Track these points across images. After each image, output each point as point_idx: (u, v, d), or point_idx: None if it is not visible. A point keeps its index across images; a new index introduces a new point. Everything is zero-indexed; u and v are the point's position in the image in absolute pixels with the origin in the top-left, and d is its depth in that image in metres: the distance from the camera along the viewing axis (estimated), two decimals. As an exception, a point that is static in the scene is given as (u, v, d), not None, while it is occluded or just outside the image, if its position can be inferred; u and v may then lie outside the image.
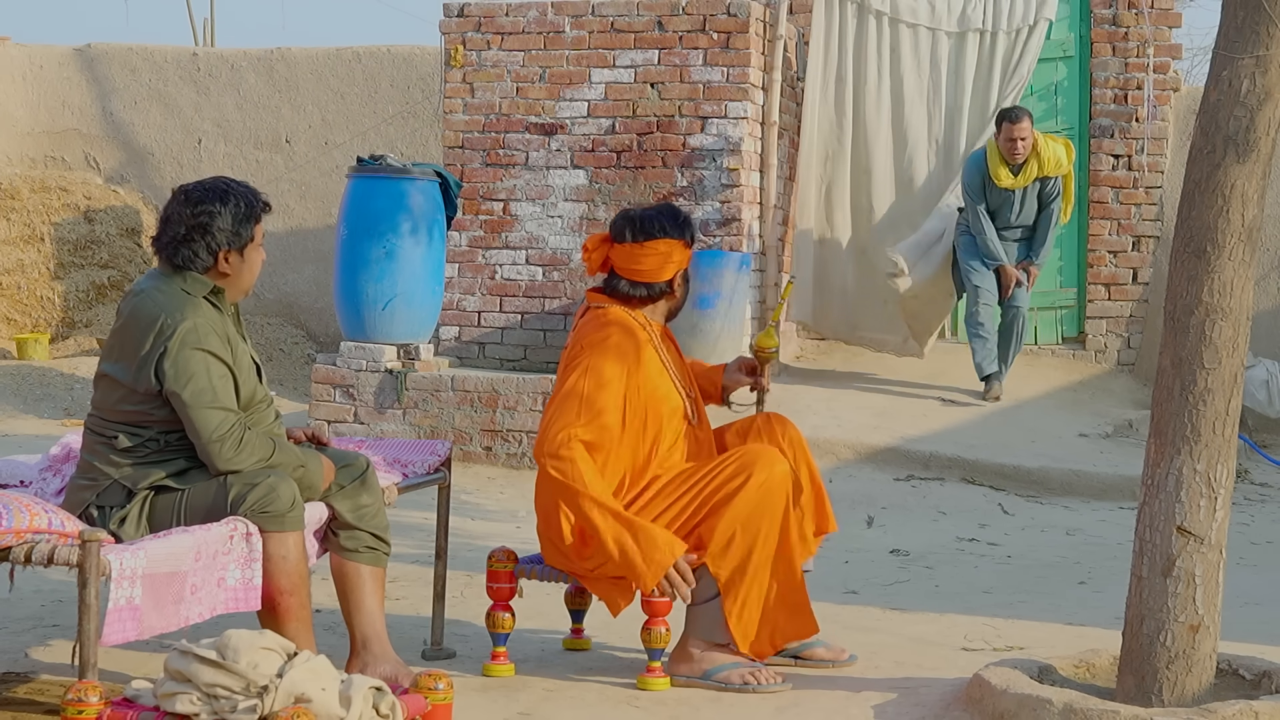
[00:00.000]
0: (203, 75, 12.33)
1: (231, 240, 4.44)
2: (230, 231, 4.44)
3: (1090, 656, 4.80)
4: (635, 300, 4.95)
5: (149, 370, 4.30)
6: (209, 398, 4.30)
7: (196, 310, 4.36)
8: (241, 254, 4.47)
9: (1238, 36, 4.26)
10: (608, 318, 4.90)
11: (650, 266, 4.91)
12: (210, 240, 4.42)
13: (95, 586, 3.81)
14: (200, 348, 4.31)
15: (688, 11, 9.76)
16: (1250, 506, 8.55)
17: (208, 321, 4.36)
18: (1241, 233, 4.28)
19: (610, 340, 4.81)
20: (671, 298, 4.99)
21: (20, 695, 4.46)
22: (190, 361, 4.30)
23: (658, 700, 4.70)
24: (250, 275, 4.53)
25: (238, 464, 4.31)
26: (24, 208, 11.96)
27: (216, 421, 4.30)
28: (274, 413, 4.61)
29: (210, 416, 4.30)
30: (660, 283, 4.94)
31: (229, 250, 4.44)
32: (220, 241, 4.43)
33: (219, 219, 4.43)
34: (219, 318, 4.42)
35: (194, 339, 4.31)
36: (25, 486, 4.69)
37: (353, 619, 4.60)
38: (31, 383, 10.50)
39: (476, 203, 10.05)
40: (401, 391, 9.09)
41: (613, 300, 4.94)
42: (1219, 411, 4.31)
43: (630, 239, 4.90)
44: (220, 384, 4.33)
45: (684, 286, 5.02)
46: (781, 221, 10.41)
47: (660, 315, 5.02)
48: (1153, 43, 10.57)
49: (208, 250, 4.43)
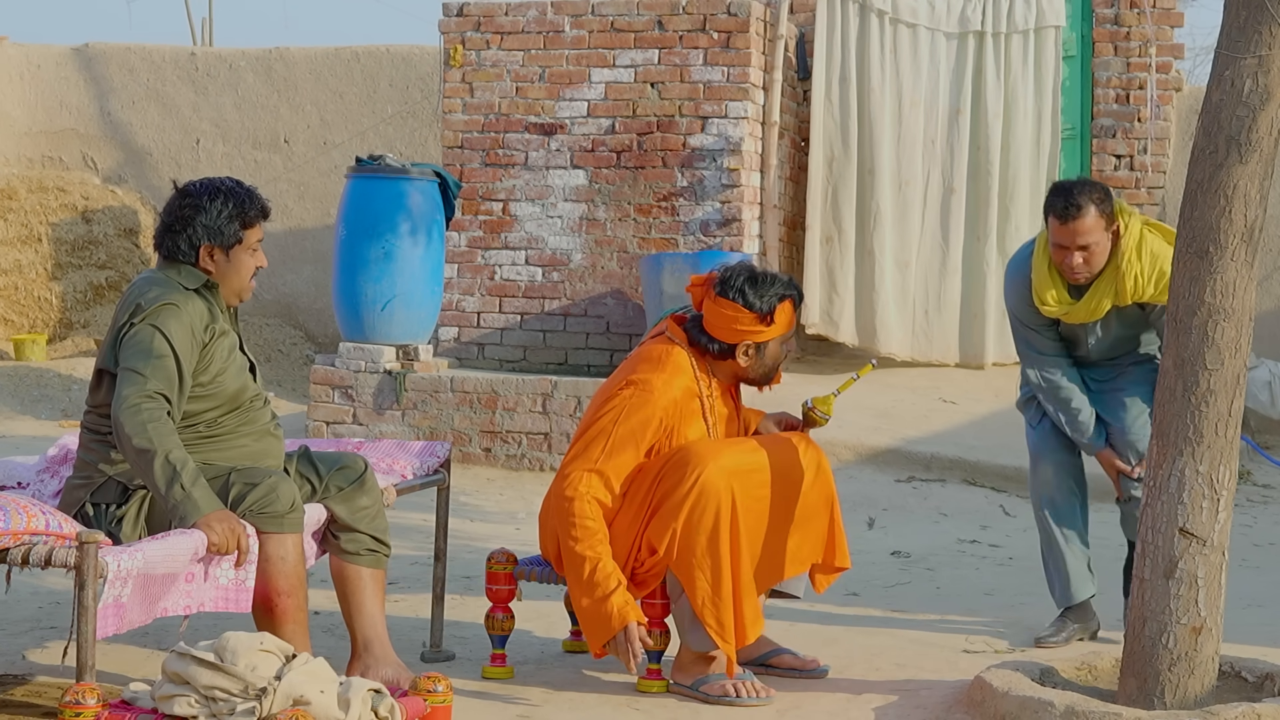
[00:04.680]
0: (201, 75, 12.32)
1: (214, 236, 4.42)
2: (212, 228, 4.42)
3: (1092, 659, 4.79)
4: (700, 349, 4.86)
5: (116, 346, 4.31)
6: (139, 364, 4.24)
7: (175, 296, 4.34)
8: (227, 253, 4.45)
9: (1240, 36, 4.25)
10: (668, 355, 4.82)
11: (717, 324, 4.83)
12: (191, 233, 4.42)
13: (93, 588, 3.79)
14: (156, 325, 4.28)
15: (688, 11, 9.75)
16: (1253, 508, 8.54)
17: (183, 309, 4.32)
18: (1244, 233, 4.27)
19: (654, 383, 4.74)
20: (736, 364, 4.86)
21: (17, 697, 4.45)
22: (140, 333, 4.28)
23: (658, 703, 4.69)
24: (238, 278, 4.49)
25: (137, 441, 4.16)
26: (21, 208, 11.94)
27: (130, 390, 4.21)
28: (269, 412, 4.59)
29: (131, 381, 4.22)
30: (727, 343, 4.84)
31: (212, 246, 4.43)
32: (200, 236, 4.42)
33: (203, 214, 4.42)
34: (203, 310, 4.39)
35: (155, 317, 4.29)
36: (23, 488, 4.68)
37: (353, 621, 4.59)
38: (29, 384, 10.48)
39: (476, 203, 10.03)
40: (400, 392, 9.08)
41: (685, 337, 4.88)
42: (1221, 413, 4.29)
43: (715, 290, 4.84)
44: (157, 362, 4.24)
45: (755, 361, 4.85)
46: (782, 222, 10.39)
47: (725, 376, 4.90)
48: (1155, 42, 10.56)
49: (188, 242, 4.42)
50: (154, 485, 4.18)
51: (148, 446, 4.16)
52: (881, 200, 10.30)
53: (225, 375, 4.42)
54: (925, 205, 10.40)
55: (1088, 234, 5.18)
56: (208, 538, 4.11)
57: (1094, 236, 5.19)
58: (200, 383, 4.37)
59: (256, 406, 4.52)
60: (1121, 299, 5.26)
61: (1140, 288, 5.25)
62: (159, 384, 4.23)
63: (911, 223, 10.38)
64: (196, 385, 4.37)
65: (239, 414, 4.47)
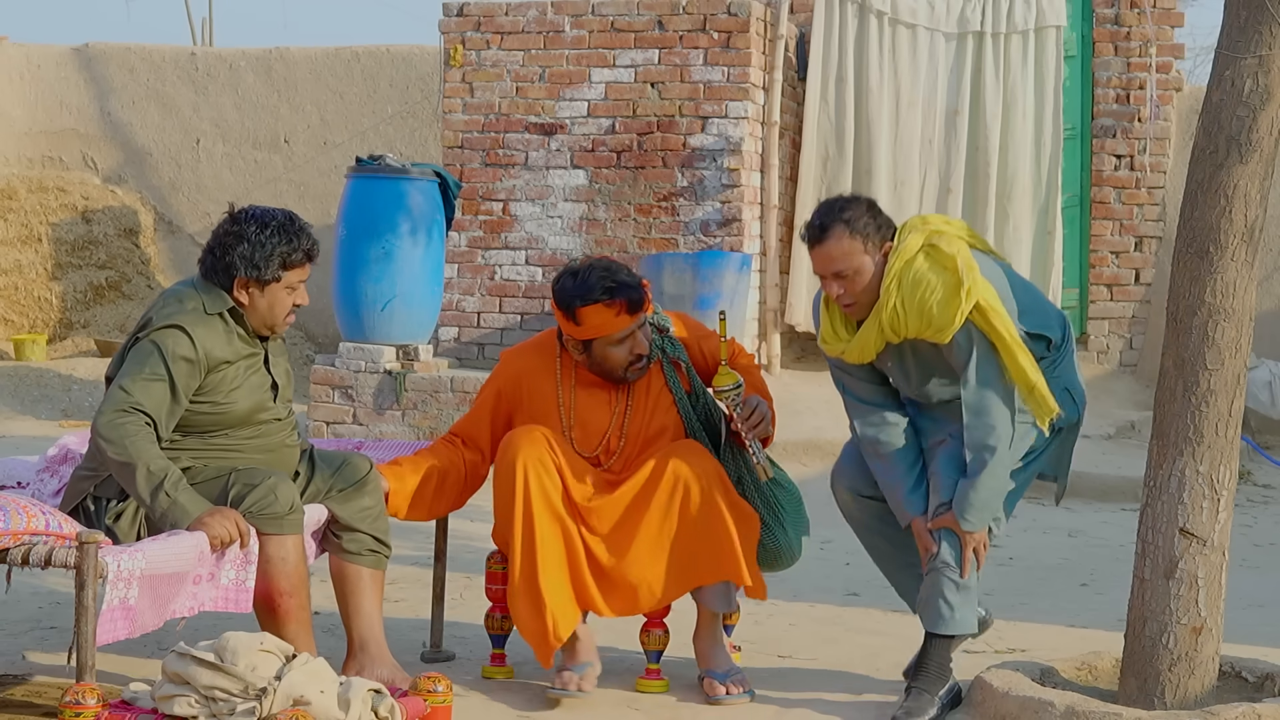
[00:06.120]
0: (201, 75, 12.32)
1: (251, 270, 4.37)
2: (252, 261, 4.36)
3: (1092, 659, 4.79)
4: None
5: (123, 356, 4.32)
6: (128, 381, 4.22)
7: (187, 318, 4.32)
8: (262, 289, 4.39)
9: (1240, 36, 4.25)
10: (540, 336, 4.98)
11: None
12: (230, 261, 4.37)
13: (93, 588, 3.79)
14: (157, 343, 4.27)
15: (688, 11, 9.75)
16: (1253, 508, 8.54)
17: (192, 332, 4.29)
18: (1244, 233, 4.27)
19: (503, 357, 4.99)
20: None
21: (18, 697, 4.45)
22: (139, 349, 4.28)
23: (657, 703, 4.68)
24: (270, 313, 4.42)
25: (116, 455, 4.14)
26: (21, 208, 11.94)
27: (109, 405, 4.19)
28: (288, 428, 4.54)
29: (113, 397, 4.21)
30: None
31: (248, 280, 4.37)
32: (238, 266, 4.37)
33: (246, 244, 4.37)
34: (218, 336, 4.35)
35: (160, 336, 4.28)
36: (22, 488, 4.68)
37: (350, 621, 4.59)
38: (29, 384, 10.48)
39: (476, 203, 10.03)
40: (401, 392, 9.07)
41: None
42: (1221, 413, 4.29)
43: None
44: (146, 382, 4.22)
45: (585, 357, 4.79)
46: (782, 222, 10.39)
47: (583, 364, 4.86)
48: (1155, 42, 10.56)
49: (225, 270, 4.38)
50: (139, 497, 4.19)
51: (128, 460, 4.15)
52: (878, 200, 10.28)
53: (237, 394, 4.39)
54: (921, 206, 10.39)
55: (840, 260, 4.46)
56: (207, 535, 4.11)
57: (848, 262, 4.47)
58: (212, 401, 4.36)
59: (272, 424, 4.49)
60: (886, 335, 4.48)
61: (900, 323, 4.42)
62: (143, 401, 4.21)
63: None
64: (206, 403, 4.35)
65: (250, 429, 4.45)
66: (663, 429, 4.84)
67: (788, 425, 9.09)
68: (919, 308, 4.39)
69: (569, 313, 4.73)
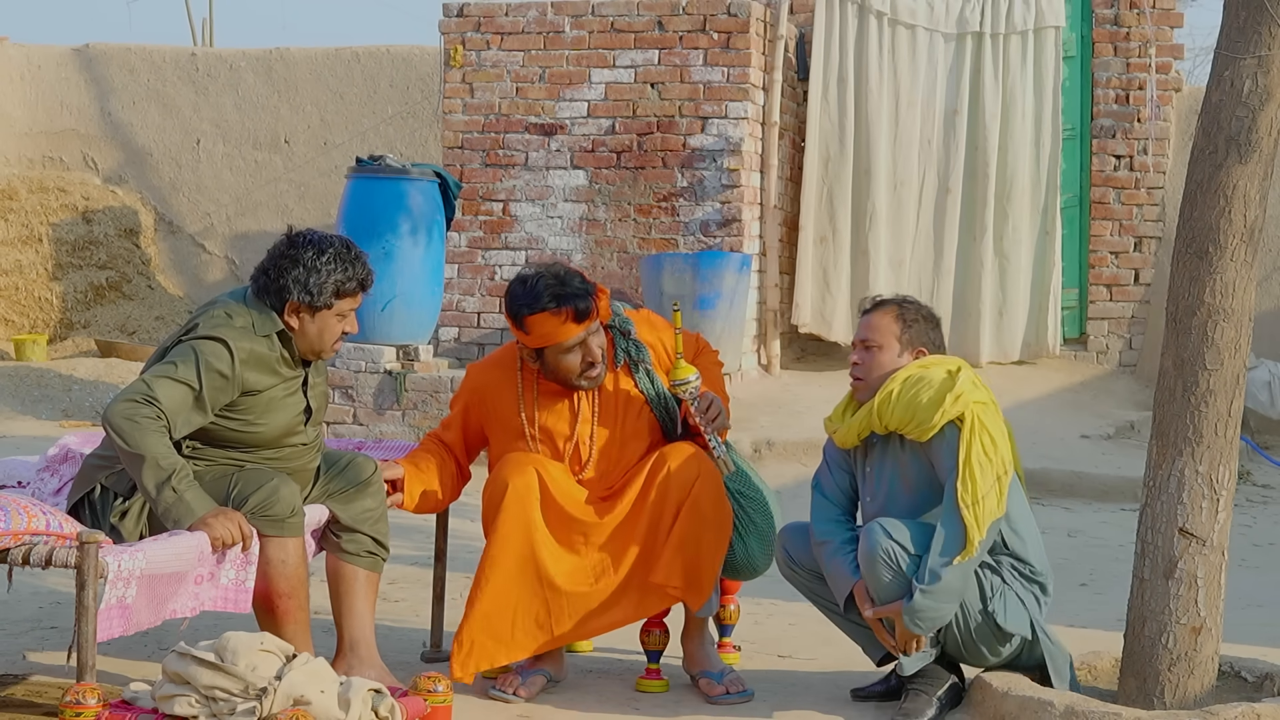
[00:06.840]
0: (201, 75, 12.32)
1: (303, 295, 4.35)
2: (305, 286, 4.35)
3: (1092, 659, 4.79)
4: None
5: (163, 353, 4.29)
6: (156, 378, 4.20)
7: (232, 333, 4.29)
8: (313, 315, 4.38)
9: (1239, 37, 4.25)
10: (503, 349, 5.00)
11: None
12: (283, 284, 4.35)
13: (93, 588, 3.79)
14: (196, 350, 4.25)
15: (688, 11, 9.75)
16: (1252, 508, 8.54)
17: (233, 348, 4.26)
18: (1244, 233, 4.27)
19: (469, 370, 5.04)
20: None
21: (18, 697, 4.45)
22: (177, 352, 4.26)
23: (657, 703, 4.69)
24: (319, 340, 4.41)
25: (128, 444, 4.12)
26: (22, 208, 11.94)
27: (127, 394, 4.17)
28: (312, 453, 4.52)
29: (135, 388, 4.18)
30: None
31: (299, 305, 4.36)
32: (291, 290, 4.35)
33: (300, 269, 4.35)
34: (260, 355, 4.32)
35: (202, 346, 4.25)
36: (23, 488, 4.68)
37: (343, 620, 4.59)
38: (29, 384, 10.48)
39: (476, 203, 10.03)
40: (401, 393, 9.08)
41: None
42: (1221, 413, 4.30)
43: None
44: (173, 384, 4.20)
45: (539, 364, 4.77)
46: (782, 222, 10.39)
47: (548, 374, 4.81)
48: (1154, 43, 10.56)
49: (278, 292, 4.36)
50: (145, 489, 4.16)
51: (137, 450, 4.13)
52: (877, 200, 10.31)
53: (270, 418, 4.37)
54: (920, 205, 10.41)
55: (874, 331, 4.64)
56: (209, 535, 4.11)
57: (878, 336, 4.63)
58: (244, 420, 4.34)
59: (298, 449, 4.46)
60: (872, 419, 4.56)
61: (887, 410, 4.51)
62: (161, 397, 4.18)
63: (906, 223, 10.39)
64: (237, 421, 4.33)
65: (275, 450, 4.43)
66: (636, 433, 4.81)
67: (788, 425, 9.10)
68: (909, 400, 4.49)
69: (518, 321, 4.74)
